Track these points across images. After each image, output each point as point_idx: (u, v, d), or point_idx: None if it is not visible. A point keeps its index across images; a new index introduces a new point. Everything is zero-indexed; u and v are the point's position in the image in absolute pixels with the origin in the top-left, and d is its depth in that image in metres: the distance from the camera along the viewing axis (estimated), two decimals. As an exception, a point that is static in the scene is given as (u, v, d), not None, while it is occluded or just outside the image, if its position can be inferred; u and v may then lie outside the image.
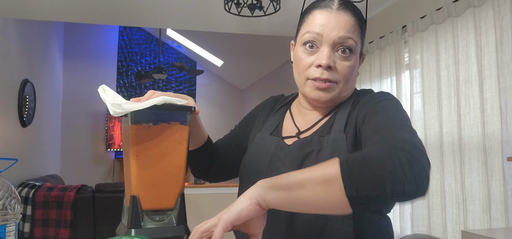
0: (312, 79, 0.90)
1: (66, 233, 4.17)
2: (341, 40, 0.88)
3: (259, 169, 0.93)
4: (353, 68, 0.91)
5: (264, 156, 0.94)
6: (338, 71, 0.89)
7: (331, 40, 0.88)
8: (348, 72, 0.90)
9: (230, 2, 2.73)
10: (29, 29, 5.00)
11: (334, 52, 0.89)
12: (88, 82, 6.89)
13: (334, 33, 0.88)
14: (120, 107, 0.80)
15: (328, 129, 0.91)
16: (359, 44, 0.92)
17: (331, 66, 0.88)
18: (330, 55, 0.88)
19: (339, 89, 0.91)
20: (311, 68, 0.90)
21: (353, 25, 0.90)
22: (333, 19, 0.89)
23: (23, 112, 4.68)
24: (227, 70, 7.43)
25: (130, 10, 3.66)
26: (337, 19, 0.89)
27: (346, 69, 0.89)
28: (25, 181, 4.40)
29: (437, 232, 2.63)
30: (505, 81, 2.17)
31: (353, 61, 0.90)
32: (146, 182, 0.85)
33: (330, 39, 0.88)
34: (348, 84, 0.92)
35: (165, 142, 0.86)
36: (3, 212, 0.73)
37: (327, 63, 0.88)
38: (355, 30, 0.90)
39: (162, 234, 0.84)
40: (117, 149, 7.13)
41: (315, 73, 0.89)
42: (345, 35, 0.88)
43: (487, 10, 2.31)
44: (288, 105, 1.07)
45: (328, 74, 0.89)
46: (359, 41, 0.92)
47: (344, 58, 0.89)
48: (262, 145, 0.97)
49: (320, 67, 0.89)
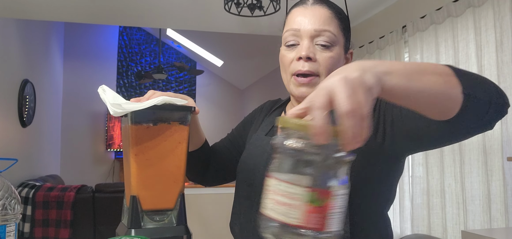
0: (295, 76, 0.92)
1: (66, 233, 4.17)
2: (317, 32, 0.90)
3: (256, 169, 0.93)
4: (335, 59, 0.91)
5: (260, 156, 0.94)
6: (319, 63, 0.90)
7: (309, 33, 0.90)
8: (329, 63, 0.90)
9: (230, 2, 2.73)
10: (29, 29, 5.00)
11: (314, 44, 0.91)
12: (88, 82, 6.89)
13: (310, 26, 0.90)
14: (120, 107, 0.80)
15: None
16: (340, 37, 0.93)
17: (311, 57, 0.90)
18: (309, 47, 0.90)
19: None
20: (293, 63, 0.92)
21: (329, 18, 0.91)
22: (309, 13, 0.91)
23: (23, 113, 4.68)
24: (227, 70, 7.43)
25: (130, 10, 3.66)
26: (313, 12, 0.91)
27: (327, 60, 0.90)
28: (25, 181, 4.40)
29: (437, 232, 2.63)
30: (505, 81, 2.17)
31: (335, 53, 0.91)
32: (146, 182, 0.85)
33: (307, 32, 0.90)
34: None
35: (165, 142, 0.86)
36: (3, 212, 0.73)
37: (306, 54, 0.89)
38: (332, 23, 0.91)
39: (162, 234, 0.84)
40: (117, 149, 7.12)
41: (297, 66, 0.91)
42: (321, 27, 0.90)
43: (487, 10, 2.31)
44: (283, 106, 1.07)
45: (309, 66, 0.90)
46: (340, 34, 0.92)
47: (324, 49, 0.90)
48: (258, 145, 0.98)
49: (301, 60, 0.90)
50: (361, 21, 3.70)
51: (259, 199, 0.90)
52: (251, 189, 0.93)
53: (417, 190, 2.82)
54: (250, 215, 0.92)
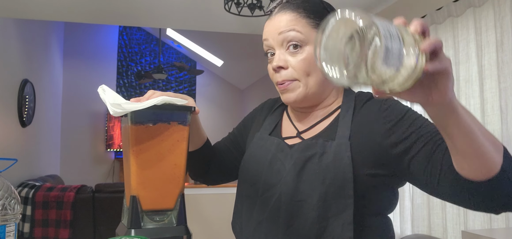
0: (278, 85, 0.93)
1: (66, 233, 4.17)
2: (282, 36, 0.90)
3: (259, 169, 0.93)
4: (308, 60, 0.89)
5: (264, 156, 0.94)
6: (293, 68, 0.90)
7: (276, 41, 0.91)
8: (302, 66, 0.89)
9: (230, 2, 2.73)
10: (29, 29, 5.00)
11: (285, 51, 0.91)
12: (88, 82, 6.88)
13: (276, 33, 0.91)
14: (120, 107, 0.80)
15: (332, 134, 0.89)
16: (312, 34, 0.90)
17: (283, 66, 0.90)
18: (279, 56, 0.91)
19: (304, 85, 0.91)
20: (274, 75, 0.94)
21: (293, 19, 0.90)
22: (274, 22, 0.93)
23: (23, 112, 4.67)
24: (227, 70, 7.43)
25: (130, 10, 3.66)
26: (278, 19, 0.92)
27: (299, 64, 0.89)
28: (25, 181, 4.40)
29: (437, 232, 2.63)
30: (505, 81, 2.17)
31: (307, 53, 0.89)
32: (146, 182, 0.85)
33: (275, 41, 0.91)
34: (310, 78, 0.90)
35: (165, 142, 0.86)
36: (2, 212, 0.73)
37: (276, 64, 0.91)
38: (297, 23, 0.90)
39: (162, 234, 0.83)
40: (117, 149, 7.12)
41: (275, 77, 0.93)
42: (284, 29, 0.90)
43: (487, 10, 2.31)
44: (284, 105, 1.06)
45: (285, 75, 0.90)
46: (311, 31, 0.90)
47: (295, 53, 0.90)
48: (261, 145, 0.97)
49: (276, 71, 0.92)
50: (361, 21, 3.69)
51: (261, 199, 0.90)
52: (254, 188, 0.92)
53: (417, 190, 2.82)
54: (251, 215, 0.92)
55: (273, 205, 0.87)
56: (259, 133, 1.01)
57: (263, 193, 0.90)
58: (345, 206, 0.81)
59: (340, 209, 0.81)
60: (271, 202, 0.87)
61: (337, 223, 0.81)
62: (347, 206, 0.81)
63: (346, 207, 0.81)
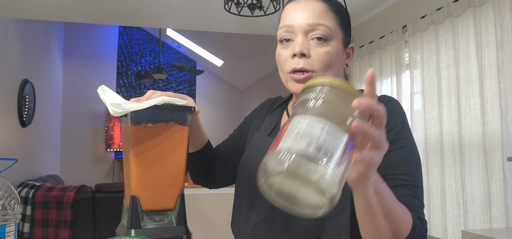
0: (291, 73, 0.89)
1: (66, 233, 4.17)
2: (311, 27, 0.87)
3: (257, 170, 0.92)
4: (331, 55, 0.88)
5: (262, 157, 0.93)
6: (314, 59, 0.87)
7: (302, 28, 0.87)
8: (325, 59, 0.87)
9: (230, 2, 2.73)
10: (29, 29, 5.00)
11: (309, 40, 0.88)
12: (88, 82, 6.88)
13: (304, 20, 0.87)
14: (120, 107, 0.80)
15: None
16: (337, 31, 0.89)
17: (305, 54, 0.86)
18: (303, 43, 0.87)
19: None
20: (288, 60, 0.89)
21: (323, 11, 0.88)
22: (301, 7, 0.89)
23: (23, 113, 4.67)
24: (227, 70, 7.42)
25: (130, 10, 3.66)
26: (306, 6, 0.88)
27: (323, 56, 0.87)
28: (25, 181, 4.40)
29: (437, 232, 2.63)
30: (505, 81, 2.17)
31: (331, 48, 0.88)
32: (146, 182, 0.85)
33: (301, 27, 0.87)
34: (328, 73, 0.88)
35: (165, 142, 0.86)
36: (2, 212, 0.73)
37: (300, 50, 0.86)
38: (326, 16, 0.88)
39: (162, 234, 0.83)
40: (117, 149, 7.12)
41: (292, 64, 0.88)
42: (315, 21, 0.87)
43: (487, 10, 2.31)
44: (284, 105, 1.05)
45: (304, 63, 0.86)
46: (336, 27, 0.89)
47: (319, 45, 0.87)
48: (260, 146, 0.96)
49: (295, 57, 0.87)
50: (362, 21, 3.70)
51: (259, 201, 0.89)
52: (252, 190, 0.91)
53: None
54: (249, 216, 0.92)
55: (269, 207, 0.86)
56: (258, 133, 1.00)
57: (260, 194, 0.89)
58: (342, 209, 0.80)
59: (337, 212, 0.80)
60: (267, 204, 0.86)
61: (334, 225, 0.80)
62: (344, 208, 0.80)
63: (343, 210, 0.80)
